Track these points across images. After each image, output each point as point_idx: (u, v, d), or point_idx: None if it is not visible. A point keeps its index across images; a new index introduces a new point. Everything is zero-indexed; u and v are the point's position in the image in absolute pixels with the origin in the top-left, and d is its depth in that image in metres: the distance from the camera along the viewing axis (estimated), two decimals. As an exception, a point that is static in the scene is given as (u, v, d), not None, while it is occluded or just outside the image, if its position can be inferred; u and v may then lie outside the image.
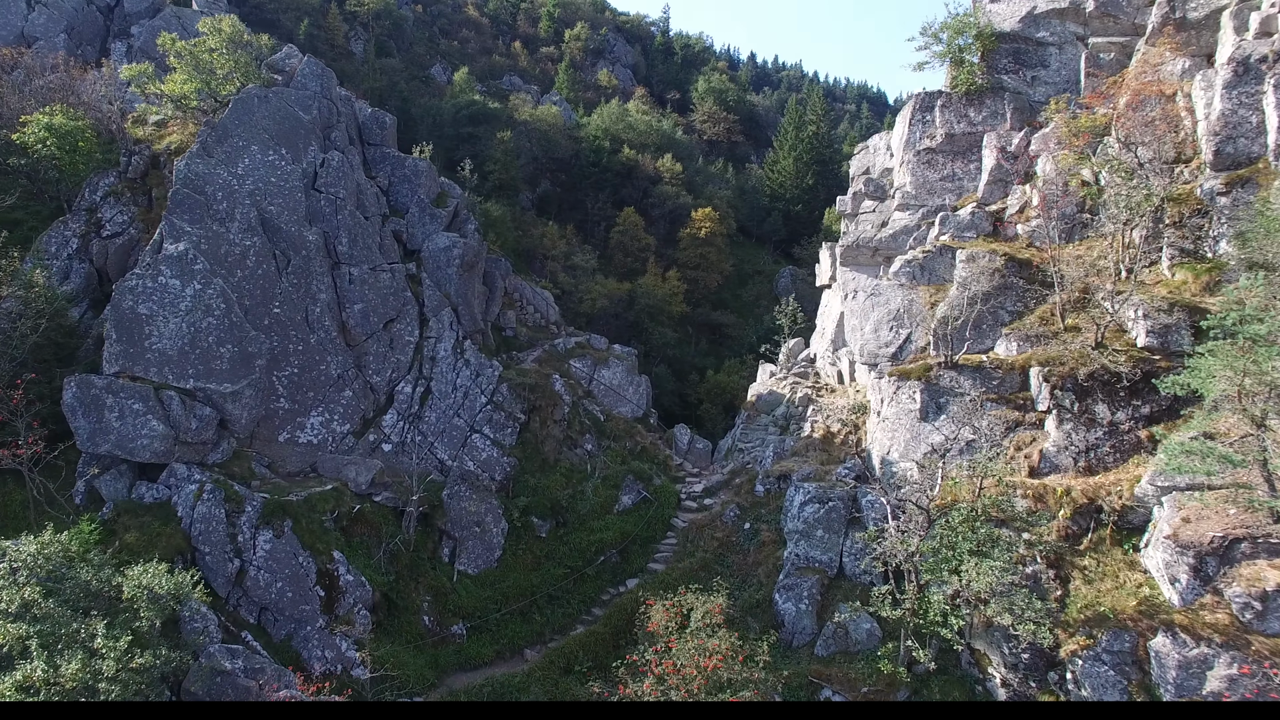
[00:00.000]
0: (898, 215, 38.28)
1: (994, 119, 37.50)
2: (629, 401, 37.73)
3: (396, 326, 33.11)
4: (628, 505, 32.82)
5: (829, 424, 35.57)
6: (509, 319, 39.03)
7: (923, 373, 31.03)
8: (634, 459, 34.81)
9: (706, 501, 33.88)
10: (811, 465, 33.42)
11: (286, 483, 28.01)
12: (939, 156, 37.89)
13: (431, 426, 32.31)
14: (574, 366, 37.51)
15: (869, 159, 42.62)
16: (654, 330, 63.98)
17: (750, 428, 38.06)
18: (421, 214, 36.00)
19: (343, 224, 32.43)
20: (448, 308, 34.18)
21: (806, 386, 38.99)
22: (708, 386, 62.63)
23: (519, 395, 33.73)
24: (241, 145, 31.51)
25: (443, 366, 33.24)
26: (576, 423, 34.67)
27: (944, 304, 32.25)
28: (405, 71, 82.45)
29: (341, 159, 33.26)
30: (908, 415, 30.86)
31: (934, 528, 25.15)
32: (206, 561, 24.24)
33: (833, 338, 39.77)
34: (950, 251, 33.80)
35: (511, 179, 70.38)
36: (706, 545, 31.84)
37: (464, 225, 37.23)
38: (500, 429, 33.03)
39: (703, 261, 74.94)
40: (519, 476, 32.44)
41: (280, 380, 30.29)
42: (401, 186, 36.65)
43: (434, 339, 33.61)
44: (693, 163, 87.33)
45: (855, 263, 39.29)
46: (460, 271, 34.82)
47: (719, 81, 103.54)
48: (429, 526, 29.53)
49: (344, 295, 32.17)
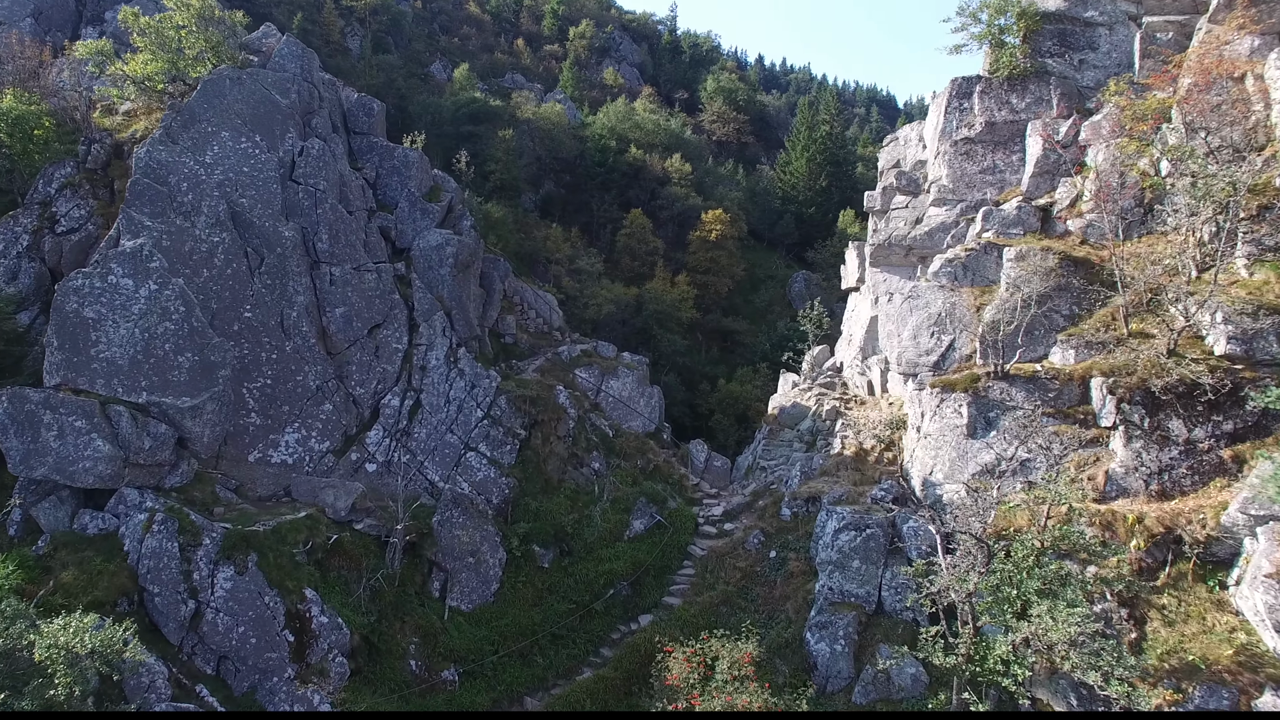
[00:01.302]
0: (933, 211, 35.01)
1: (1038, 106, 34.29)
2: (640, 415, 34.42)
3: (383, 332, 29.87)
4: (640, 531, 29.51)
5: (861, 440, 32.22)
6: (508, 325, 35.77)
7: (969, 384, 27.78)
8: (646, 479, 31.49)
9: (727, 527, 30.54)
10: (843, 486, 30.08)
11: (255, 509, 24.73)
12: (978, 147, 34.67)
13: (421, 444, 29.03)
14: (580, 377, 34.21)
15: (899, 151, 39.37)
16: (663, 337, 61.30)
17: (773, 444, 34.73)
18: (412, 209, 32.76)
19: (323, 219, 29.22)
20: (440, 312, 30.92)
21: (834, 398, 35.67)
22: (719, 396, 60.08)
23: (519, 409, 30.44)
24: (210, 131, 28.34)
25: (434, 377, 29.98)
26: (583, 439, 31.37)
27: (991, 307, 29.04)
28: (404, 69, 79.44)
29: (323, 147, 30.06)
30: (953, 431, 27.58)
31: (993, 562, 21.91)
32: (156, 604, 20.93)
33: (861, 345, 36.46)
34: (996, 249, 30.59)
35: (513, 179, 67.48)
36: (728, 576, 28.51)
37: (459, 222, 33.98)
38: (498, 446, 29.75)
39: (713, 265, 72.20)
40: (519, 500, 29.14)
41: (251, 392, 27.06)
42: (390, 179, 33.43)
43: (425, 346, 30.36)
44: (702, 163, 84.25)
45: (886, 263, 36.01)
46: (454, 272, 31.58)
47: (728, 81, 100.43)
48: (417, 557, 26.24)
49: (324, 298, 28.95)
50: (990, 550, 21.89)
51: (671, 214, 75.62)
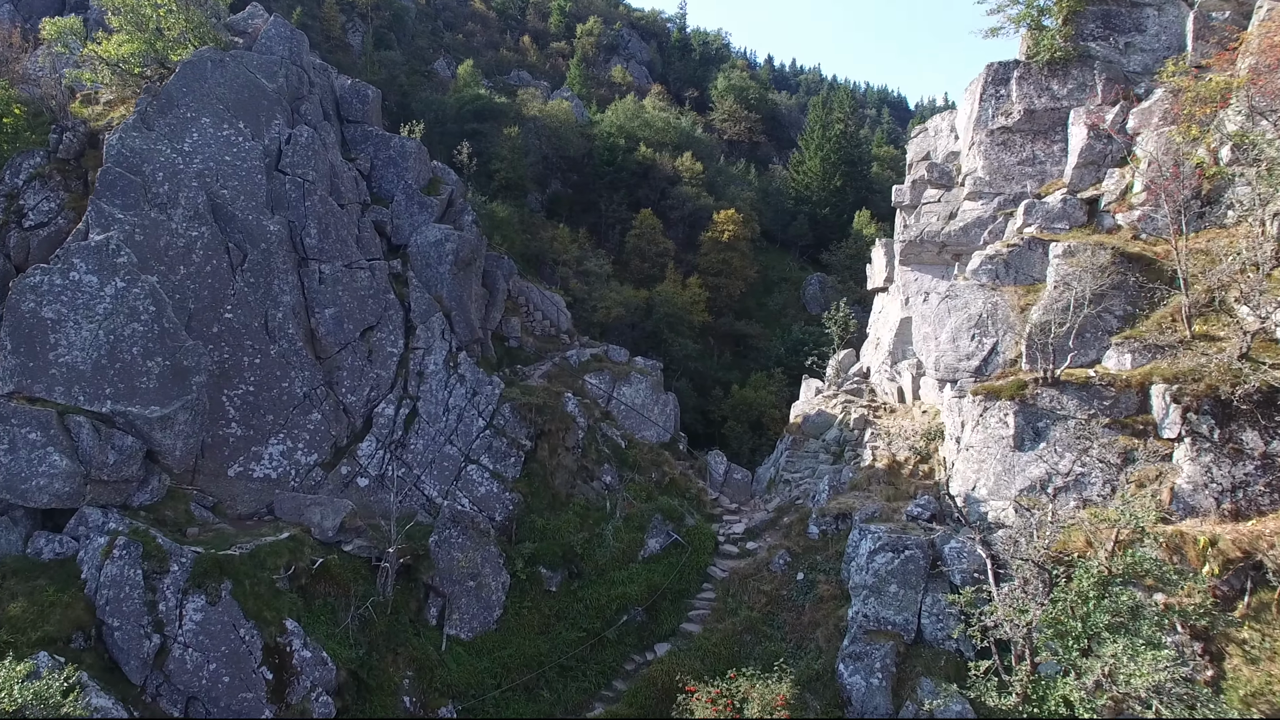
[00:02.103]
0: (968, 205, 32.62)
1: (1081, 92, 31.91)
2: (654, 424, 32.05)
3: (376, 335, 27.57)
4: (655, 551, 27.13)
5: (894, 451, 29.80)
6: (513, 327, 33.43)
7: (1016, 391, 25.46)
8: (661, 494, 29.12)
9: (749, 546, 28.13)
10: (876, 502, 27.67)
11: (234, 529, 22.43)
12: (1016, 137, 32.29)
13: (418, 456, 26.71)
14: (590, 383, 31.85)
15: (928, 142, 36.97)
16: (674, 341, 59.05)
17: (797, 455, 32.32)
18: (409, 202, 30.46)
19: (312, 212, 26.95)
20: (439, 313, 28.60)
21: (861, 406, 33.24)
22: (733, 403, 57.85)
23: (524, 418, 28.08)
24: (190, 117, 26.11)
25: (432, 383, 27.67)
26: (593, 450, 29.01)
27: (1038, 308, 26.70)
28: (406, 65, 77.30)
29: (312, 135, 27.80)
30: (998, 442, 25.27)
31: (1054, 591, 19.56)
32: (116, 639, 18.62)
33: (890, 349, 34.03)
34: (1041, 245, 28.24)
35: (519, 178, 65.31)
36: (752, 600, 26.11)
37: (460, 216, 31.67)
38: (501, 459, 27.40)
39: (725, 267, 69.91)
40: (524, 517, 26.79)
41: (231, 400, 24.77)
42: (386, 170, 31.15)
43: (422, 350, 28.05)
44: (713, 163, 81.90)
45: (918, 261, 33.60)
46: (454, 270, 29.27)
47: (739, 79, 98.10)
48: (412, 581, 23.89)
49: (312, 297, 26.68)
50: (1051, 578, 19.52)
51: (682, 214, 73.33)
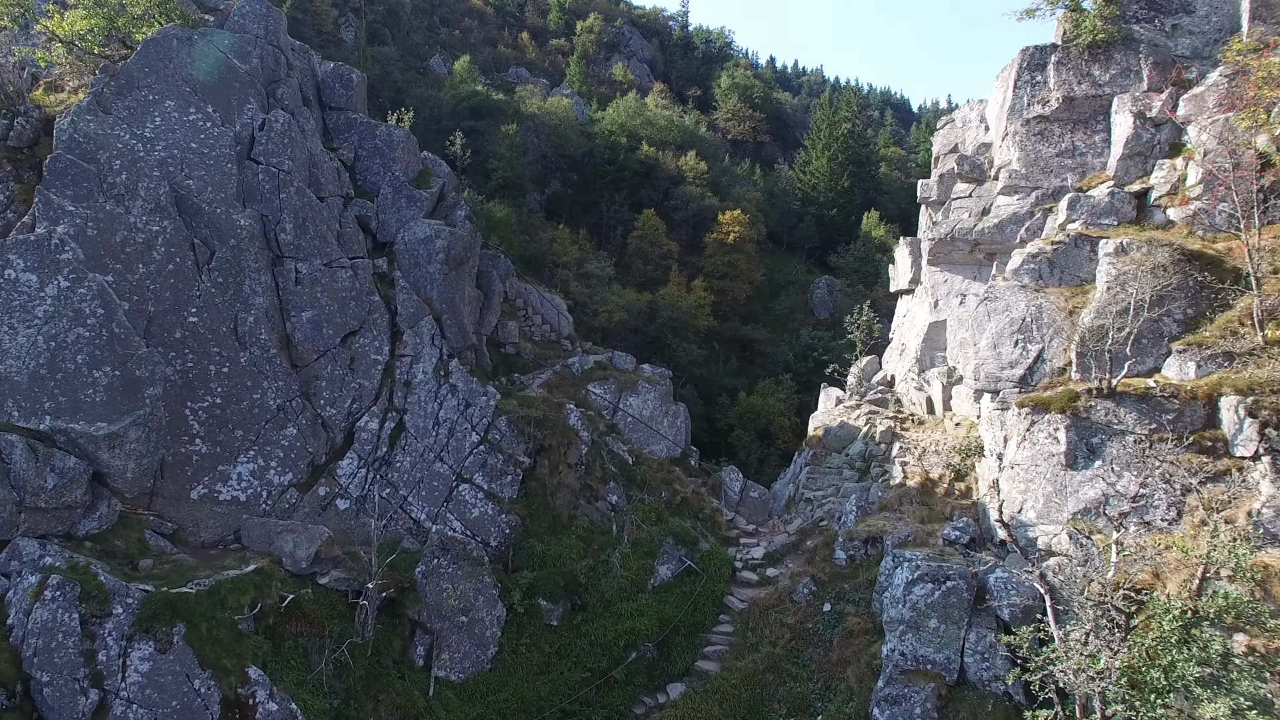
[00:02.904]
0: (1003, 200, 30.13)
1: (1125, 78, 29.46)
2: (664, 438, 29.49)
3: (359, 341, 25.02)
4: (666, 579, 24.55)
5: (926, 468, 27.24)
6: (509, 332, 30.84)
7: (1067, 402, 22.96)
8: (673, 514, 26.53)
9: (770, 572, 25.55)
10: (909, 525, 25.12)
11: (194, 561, 19.85)
12: (1054, 126, 29.85)
13: (405, 475, 24.13)
14: (593, 393, 29.26)
15: (956, 134, 34.48)
16: (678, 347, 56.88)
17: (818, 470, 29.76)
18: (396, 196, 27.90)
19: (288, 205, 24.40)
20: (428, 317, 26.03)
21: (887, 417, 30.70)
22: (740, 410, 55.78)
23: (522, 432, 25.50)
24: (152, 99, 23.57)
25: (421, 394, 25.10)
26: (597, 467, 26.43)
27: (1089, 311, 24.22)
28: (400, 61, 74.82)
29: (289, 121, 25.25)
30: (1048, 460, 22.77)
31: (1129, 634, 17.07)
32: (45, 696, 16.01)
33: (918, 355, 31.49)
34: (1089, 242, 25.77)
35: (517, 177, 62.97)
36: (774, 635, 23.52)
37: (452, 211, 29.12)
38: (497, 477, 24.83)
39: (731, 270, 67.74)
40: (522, 542, 24.22)
41: (196, 414, 22.19)
42: (371, 161, 28.60)
43: (409, 358, 25.49)
44: (718, 162, 79.47)
45: (948, 260, 31.08)
46: (445, 270, 26.70)
47: (743, 77, 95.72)
48: (396, 617, 21.31)
49: (288, 299, 24.13)
50: (1126, 619, 17.01)
51: (686, 215, 70.97)
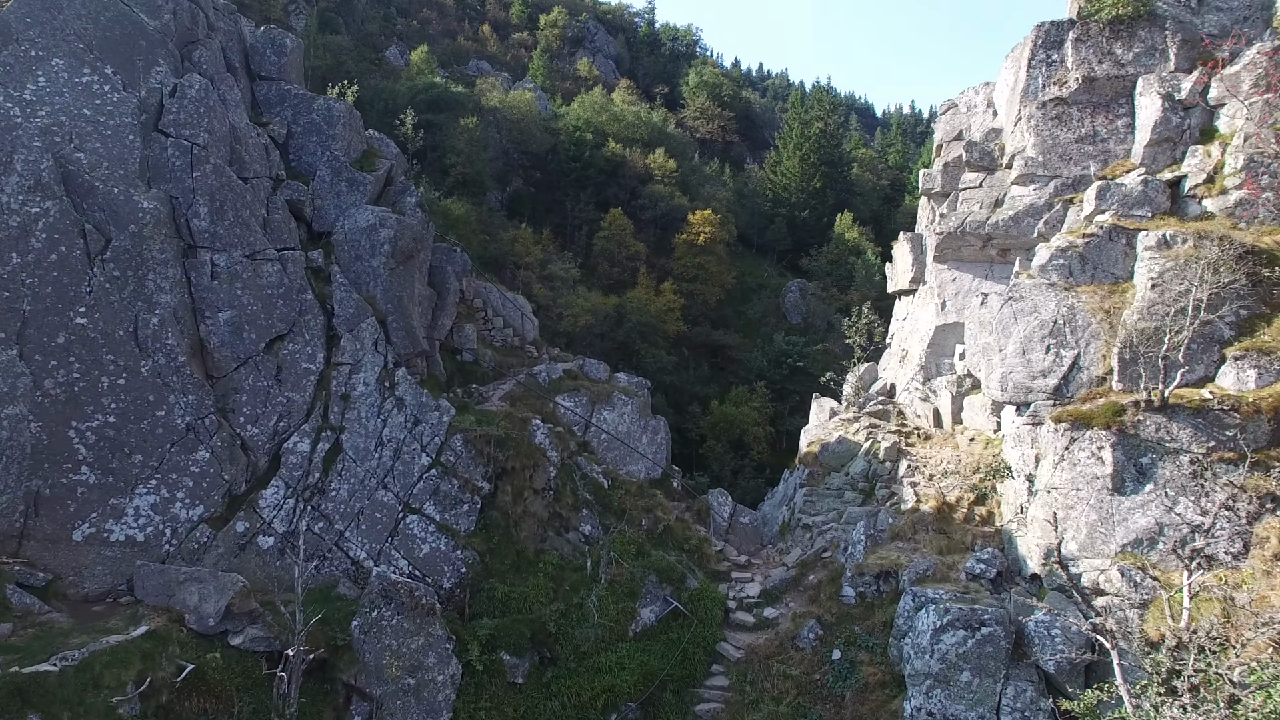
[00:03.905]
0: (1018, 191, 27.20)
1: (1150, 57, 26.74)
2: (642, 457, 26.01)
3: (288, 347, 21.24)
4: (650, 624, 21.06)
5: (941, 490, 24.08)
6: (467, 336, 27.19)
7: (1111, 417, 20.04)
8: (655, 546, 23.06)
9: (768, 613, 22.16)
10: (926, 557, 21.94)
11: (69, 621, 15.98)
12: (1073, 109, 27.00)
13: (341, 505, 20.39)
14: (563, 406, 25.70)
15: (959, 120, 31.54)
16: (647, 353, 54.04)
17: (816, 492, 26.49)
18: (335, 179, 24.15)
19: (203, 186, 20.57)
20: (371, 318, 22.31)
21: (890, 431, 27.55)
22: (712, 420, 53.01)
23: (480, 453, 21.86)
24: (34, 56, 19.65)
25: (361, 410, 21.39)
26: (568, 493, 22.89)
27: (1132, 312, 21.36)
28: (355, 52, 70.61)
29: (206, 88, 21.42)
30: (1091, 483, 19.84)
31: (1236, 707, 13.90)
32: None
33: (922, 362, 28.42)
34: (1124, 235, 22.91)
35: (477, 174, 59.32)
36: (777, 688, 20.14)
37: (400, 198, 25.43)
38: (451, 506, 21.17)
39: (701, 272, 64.97)
40: (480, 583, 20.58)
41: (83, 436, 18.29)
42: (307, 139, 24.82)
43: (348, 367, 21.76)
44: (687, 160, 76.34)
45: (957, 257, 28.08)
46: (391, 264, 22.99)
47: (712, 75, 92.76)
48: (328, 682, 17.59)
49: (202, 298, 20.31)
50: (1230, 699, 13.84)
51: (654, 215, 67.88)
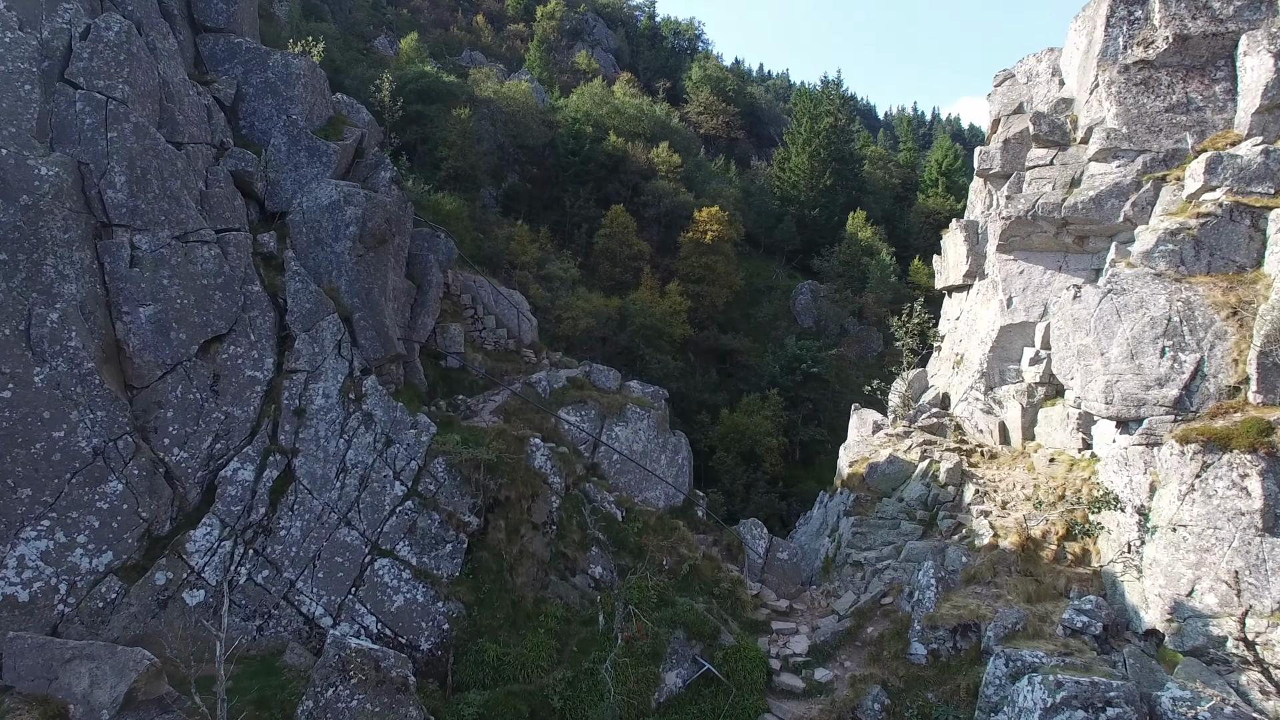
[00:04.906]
0: (1098, 168, 23.26)
1: (1254, 10, 23.01)
2: (661, 481, 21.94)
3: (229, 350, 17.16)
4: (677, 691, 16.97)
5: (1023, 522, 20.02)
6: (452, 337, 23.11)
7: (1257, 437, 16.21)
8: (680, 590, 18.95)
9: (820, 675, 18.03)
10: (1012, 606, 17.93)
11: (-90, 715, 11.95)
12: (1162, 73, 23.11)
13: (293, 548, 16.30)
14: (567, 422, 21.60)
15: (1019, 91, 27.62)
16: (652, 358, 50.62)
17: (867, 522, 22.42)
18: (294, 148, 20.09)
19: (121, 150, 16.50)
20: (333, 315, 18.23)
21: (949, 449, 23.55)
22: (722, 430, 48.81)
23: (467, 480, 17.77)
24: (-97, -15, 15.66)
25: (320, 427, 17.31)
26: (574, 527, 18.80)
27: (1269, 306, 17.42)
28: (341, 40, 66.72)
29: (128, 31, 17.35)
30: (1233, 521, 15.97)
31: None
32: None
33: (983, 367, 24.42)
34: (1248, 214, 19.10)
35: (470, 168, 55.67)
36: (836, 777, 16.12)
37: (373, 173, 21.36)
38: (431, 547, 17.10)
39: (708, 273, 61.50)
40: (467, 643, 16.49)
41: (-48, 464, 14.23)
42: (260, 101, 20.75)
43: (304, 374, 17.68)
44: (692, 156, 72.44)
45: (1026, 246, 24.12)
46: (359, 250, 18.91)
47: (715, 69, 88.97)
48: (266, 784, 13.53)
49: (118, 289, 16.22)
50: None
51: (658, 212, 64.09)
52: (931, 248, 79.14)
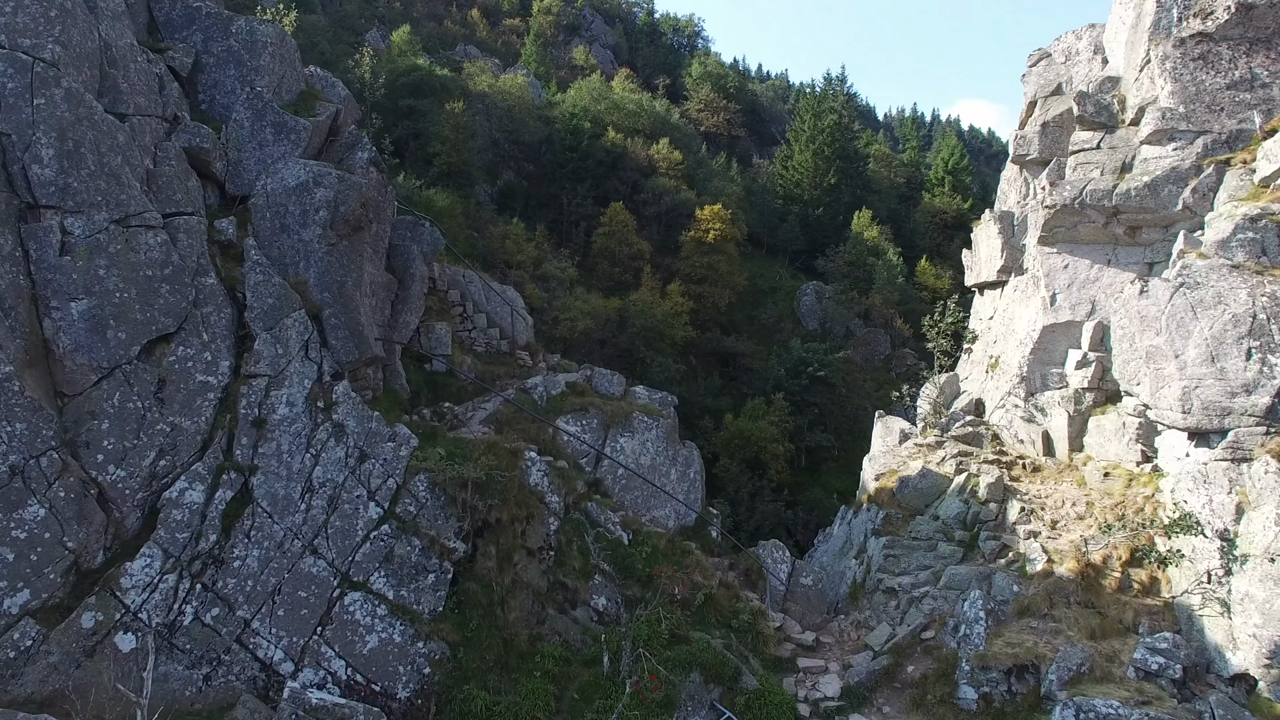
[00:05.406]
0: (1151, 152, 21.05)
1: (1326, -24, 20.73)
2: (671, 498, 19.66)
3: (177, 352, 14.89)
4: (693, 744, 14.73)
5: (1082, 546, 17.78)
6: (437, 337, 20.81)
7: (1368, 453, 13.76)
8: (695, 624, 16.68)
9: (855, 724, 15.81)
10: (1075, 643, 15.70)
11: None
12: (1223, 47, 20.99)
13: (249, 582, 14.02)
14: (566, 433, 19.29)
15: (1057, 72, 25.46)
16: (653, 361, 48.66)
17: (900, 543, 20.15)
18: (258, 123, 17.80)
19: (49, 120, 14.21)
20: (299, 312, 15.94)
21: (987, 462, 21.31)
22: (725, 436, 46.49)
23: (453, 500, 15.49)
24: None
25: (283, 440, 15.04)
26: (575, 553, 16.51)
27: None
28: (330, 33, 64.44)
29: (61, -16, 15.13)
30: (1339, 550, 13.50)
31: None
32: None
33: (1023, 371, 22.15)
34: (1335, 199, 16.67)
35: (464, 164, 53.42)
36: (879, 845, 13.85)
37: (349, 153, 19.07)
38: (411, 578, 14.82)
39: (711, 273, 59.32)
40: (452, 690, 14.22)
41: None
42: (222, 71, 18.48)
43: (265, 379, 15.40)
44: (693, 153, 70.25)
45: (1071, 238, 21.88)
46: (331, 238, 16.64)
47: (716, 65, 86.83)
48: None
49: (45, 280, 13.93)
50: None
51: (658, 210, 61.88)
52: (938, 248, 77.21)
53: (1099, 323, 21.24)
